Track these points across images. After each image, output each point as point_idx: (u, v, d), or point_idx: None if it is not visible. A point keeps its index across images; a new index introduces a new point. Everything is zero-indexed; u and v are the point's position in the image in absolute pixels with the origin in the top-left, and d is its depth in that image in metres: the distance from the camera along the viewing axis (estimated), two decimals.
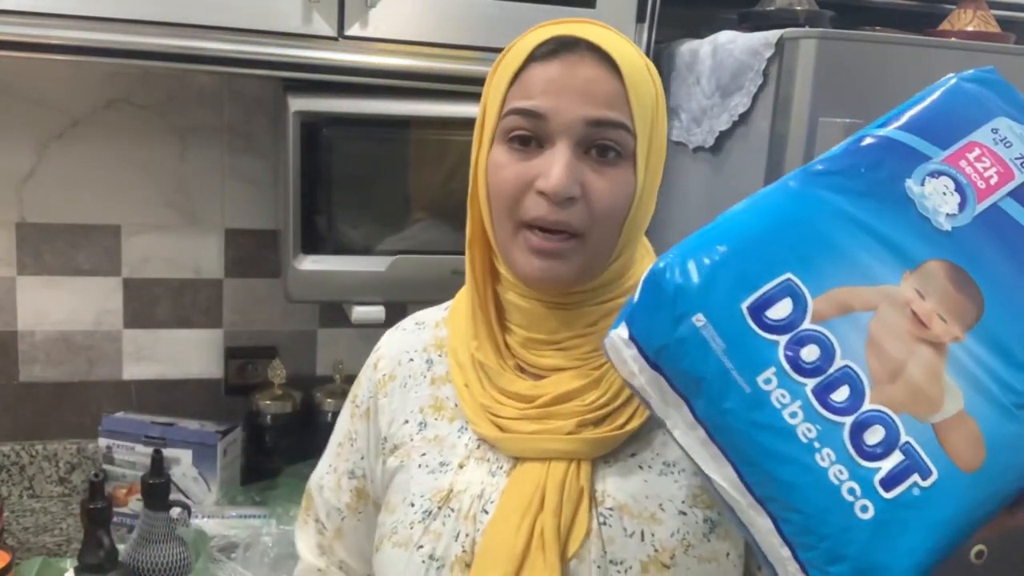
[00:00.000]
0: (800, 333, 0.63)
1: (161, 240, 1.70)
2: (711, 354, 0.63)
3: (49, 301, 1.67)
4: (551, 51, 0.81)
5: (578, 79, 0.80)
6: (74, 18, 1.29)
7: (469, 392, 0.88)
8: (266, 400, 1.70)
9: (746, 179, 1.37)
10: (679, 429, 0.67)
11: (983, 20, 1.57)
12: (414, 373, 0.94)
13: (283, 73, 1.40)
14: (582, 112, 0.79)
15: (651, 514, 0.82)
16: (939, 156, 0.69)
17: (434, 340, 0.96)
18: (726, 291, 0.63)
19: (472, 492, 0.84)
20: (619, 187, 0.81)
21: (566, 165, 0.79)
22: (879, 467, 0.61)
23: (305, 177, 1.44)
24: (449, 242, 1.51)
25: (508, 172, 0.82)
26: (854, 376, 0.62)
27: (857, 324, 0.63)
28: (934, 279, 0.65)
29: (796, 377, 0.62)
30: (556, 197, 0.78)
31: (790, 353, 0.62)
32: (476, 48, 1.44)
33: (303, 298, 1.50)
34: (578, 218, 0.80)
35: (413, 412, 0.92)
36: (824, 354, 0.62)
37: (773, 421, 0.62)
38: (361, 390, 0.99)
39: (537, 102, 0.80)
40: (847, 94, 1.28)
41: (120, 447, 1.60)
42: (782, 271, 0.64)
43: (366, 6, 1.38)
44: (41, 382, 1.69)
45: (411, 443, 0.91)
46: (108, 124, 1.64)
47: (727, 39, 1.42)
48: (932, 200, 0.67)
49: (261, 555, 1.40)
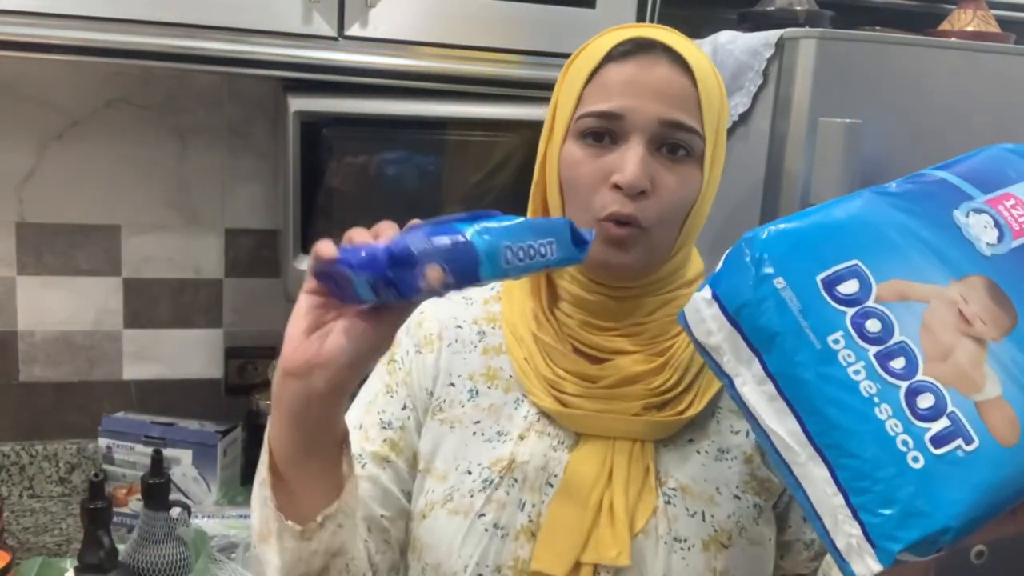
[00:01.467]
0: (865, 308, 0.70)
1: (161, 240, 1.70)
2: (788, 312, 0.70)
3: (49, 301, 1.67)
4: (628, 52, 0.85)
5: (654, 78, 0.83)
6: (74, 18, 1.29)
7: (530, 365, 0.89)
8: (266, 400, 1.70)
9: (746, 179, 1.37)
10: (748, 385, 0.73)
11: (983, 20, 1.57)
12: (463, 339, 0.95)
13: (283, 73, 1.40)
14: (657, 111, 0.83)
15: (709, 496, 0.86)
16: (981, 198, 0.78)
17: (485, 314, 0.96)
18: (805, 263, 0.71)
19: (536, 464, 0.86)
20: (686, 184, 0.85)
21: (640, 160, 0.82)
22: (929, 427, 0.67)
23: (305, 177, 1.44)
24: None
25: (584, 168, 0.85)
26: (909, 350, 0.69)
27: (913, 311, 0.71)
28: (976, 290, 0.73)
29: (860, 342, 0.69)
30: (630, 190, 0.82)
31: (856, 322, 0.70)
32: (476, 48, 1.44)
33: None
34: (647, 211, 0.83)
35: (461, 377, 0.93)
36: (885, 328, 0.70)
37: (839, 375, 0.69)
38: (401, 349, 0.98)
39: (615, 103, 0.83)
40: (847, 94, 1.28)
41: (120, 447, 1.60)
42: (852, 257, 0.72)
43: (366, 6, 1.38)
44: (41, 382, 1.69)
45: (461, 409, 0.91)
46: (108, 124, 1.64)
47: (727, 39, 1.42)
48: (975, 229, 0.76)
49: None
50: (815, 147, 1.27)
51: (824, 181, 1.26)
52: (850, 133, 1.24)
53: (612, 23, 0.88)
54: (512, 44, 1.45)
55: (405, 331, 0.98)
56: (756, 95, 1.36)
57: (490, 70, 1.46)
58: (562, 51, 1.43)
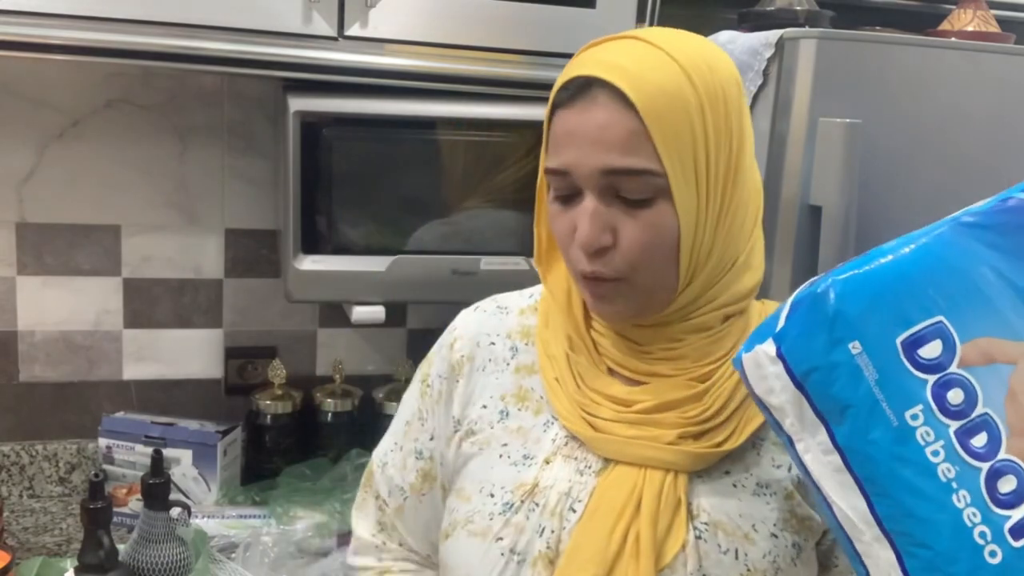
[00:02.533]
0: (947, 375, 0.65)
1: (161, 240, 1.70)
2: (863, 382, 0.64)
3: (49, 301, 1.67)
4: (569, 96, 0.79)
5: (591, 127, 0.77)
6: (74, 18, 1.28)
7: (561, 387, 0.87)
8: (266, 400, 1.70)
9: None
10: (811, 453, 0.68)
11: (983, 20, 1.57)
12: (495, 357, 0.92)
13: (283, 73, 1.40)
14: (598, 163, 0.77)
15: (744, 534, 0.81)
16: None
17: (519, 327, 0.94)
18: (883, 323, 0.65)
19: (559, 489, 0.83)
20: (655, 228, 0.78)
21: (590, 219, 0.78)
22: (1010, 515, 0.63)
23: (305, 177, 1.44)
24: (449, 242, 1.51)
25: (557, 226, 0.83)
26: (992, 424, 0.64)
27: (998, 375, 0.65)
28: None
29: (941, 417, 0.64)
30: (586, 251, 0.79)
31: (937, 393, 0.64)
32: (476, 48, 1.44)
33: (303, 298, 1.50)
34: (613, 266, 0.79)
35: (493, 398, 0.91)
36: (968, 399, 0.64)
37: (916, 457, 0.64)
38: (434, 369, 0.96)
39: (560, 159, 0.80)
40: (847, 94, 1.28)
41: (120, 447, 1.60)
42: (935, 313, 0.66)
43: (366, 6, 1.38)
44: (41, 382, 1.69)
45: (491, 431, 0.89)
46: (108, 124, 1.64)
47: (727, 39, 1.42)
48: None
49: (261, 555, 1.40)
50: (815, 147, 1.27)
51: (824, 181, 1.26)
52: (850, 133, 1.24)
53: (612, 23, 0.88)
54: (512, 44, 1.45)
55: (438, 349, 0.98)
56: (756, 95, 1.36)
57: (490, 70, 1.45)
58: (562, 51, 1.43)
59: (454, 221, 1.52)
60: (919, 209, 1.33)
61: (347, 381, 1.77)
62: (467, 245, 1.51)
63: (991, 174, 1.36)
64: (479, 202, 1.52)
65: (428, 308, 1.81)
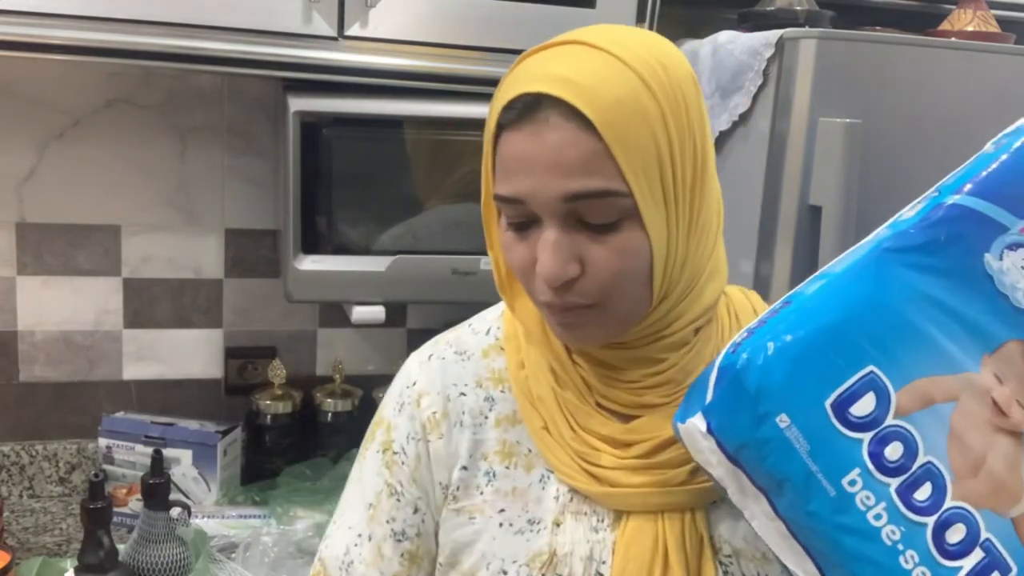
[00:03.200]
0: (884, 430, 0.61)
1: (161, 240, 1.70)
2: (795, 456, 0.61)
3: (49, 301, 1.67)
4: (517, 116, 0.71)
5: (545, 151, 0.69)
6: (74, 18, 1.28)
7: (552, 436, 0.79)
8: (266, 400, 1.70)
9: (746, 179, 1.37)
10: (757, 520, 0.66)
11: (983, 20, 1.57)
12: (471, 410, 0.83)
13: (283, 73, 1.40)
14: (557, 188, 0.69)
15: (763, 554, 0.77)
16: (1017, 225, 0.66)
17: (489, 373, 0.84)
18: (809, 388, 0.61)
19: (580, 554, 0.77)
20: (625, 252, 0.71)
21: (553, 250, 0.70)
22: (960, 566, 0.61)
23: (305, 177, 1.44)
24: (449, 242, 1.51)
25: (514, 256, 0.75)
26: (936, 472, 0.62)
27: (939, 417, 0.62)
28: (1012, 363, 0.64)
29: (880, 477, 0.61)
30: (552, 284, 0.71)
31: (874, 452, 0.61)
32: (476, 48, 1.44)
33: (303, 298, 1.50)
34: (584, 294, 0.72)
35: (474, 458, 0.82)
36: (907, 451, 0.61)
37: (858, 524, 0.61)
38: (398, 434, 0.85)
39: (514, 187, 0.71)
40: (847, 94, 1.28)
41: (120, 447, 1.60)
42: (864, 363, 0.62)
43: (366, 6, 1.38)
44: (41, 382, 1.69)
45: (481, 496, 0.81)
46: (108, 124, 1.64)
47: (727, 39, 1.42)
48: (1010, 275, 0.64)
49: (261, 555, 1.40)
50: (815, 147, 1.27)
51: (824, 181, 1.26)
52: (850, 133, 1.24)
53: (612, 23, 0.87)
54: (512, 44, 1.45)
55: (398, 409, 0.86)
56: (756, 95, 1.36)
57: (490, 70, 1.45)
58: None
59: (454, 221, 1.51)
60: None
61: (347, 381, 1.77)
62: (466, 245, 1.51)
63: None
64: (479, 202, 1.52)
65: (428, 308, 1.81)
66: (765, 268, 1.33)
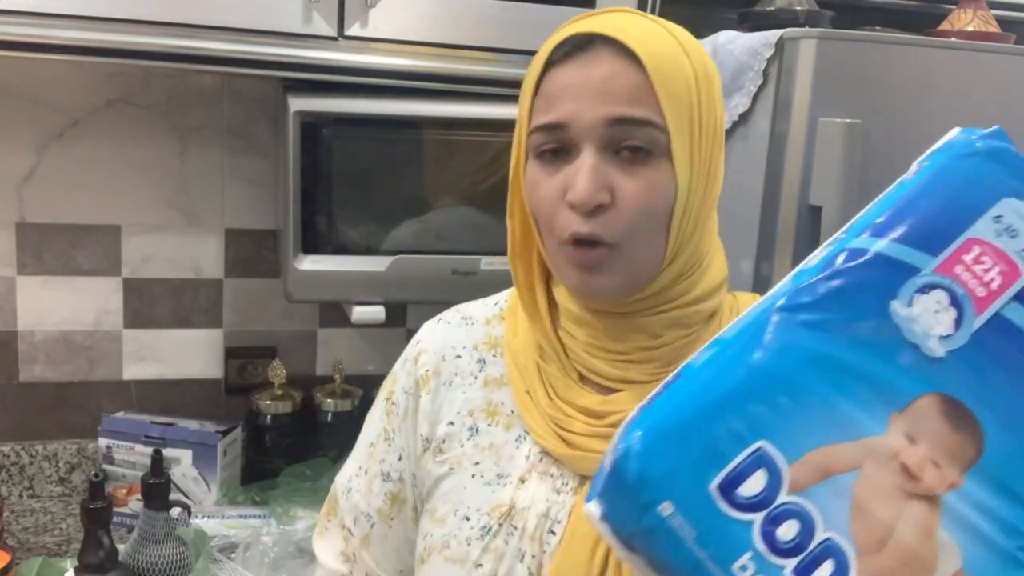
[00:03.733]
0: (776, 509, 0.57)
1: (161, 240, 1.70)
2: (682, 544, 0.58)
3: (49, 301, 1.67)
4: (566, 53, 0.77)
5: (594, 78, 0.75)
6: (74, 18, 1.29)
7: (532, 400, 0.83)
8: (266, 400, 1.70)
9: (746, 179, 1.37)
10: None
11: (983, 20, 1.57)
12: (462, 371, 0.89)
13: (283, 73, 1.40)
14: (601, 112, 0.74)
15: None
16: (930, 265, 0.60)
17: (486, 338, 0.90)
18: (693, 471, 0.58)
19: (537, 510, 0.80)
20: (653, 187, 0.75)
21: (590, 172, 0.74)
22: None
23: (305, 177, 1.44)
24: (449, 242, 1.51)
25: (541, 191, 0.78)
26: (836, 549, 0.57)
27: (839, 489, 0.58)
28: (926, 419, 0.59)
29: (774, 559, 0.57)
30: (583, 208, 0.74)
31: (767, 532, 0.57)
32: (476, 48, 1.44)
33: (303, 298, 1.50)
34: (609, 228, 0.75)
35: (461, 414, 0.87)
36: (804, 529, 0.57)
37: None
38: (399, 385, 0.92)
39: (557, 113, 0.76)
40: (847, 94, 1.28)
41: (120, 447, 1.60)
42: (753, 439, 0.58)
43: (366, 6, 1.38)
44: (41, 382, 1.69)
45: (461, 449, 0.86)
46: (108, 124, 1.64)
47: (727, 39, 1.42)
48: (922, 322, 0.60)
49: (261, 555, 1.40)
50: (815, 147, 1.27)
51: (824, 181, 1.26)
52: (850, 133, 1.24)
53: None
54: (512, 44, 1.45)
55: (402, 364, 0.94)
56: (756, 95, 1.35)
57: (490, 70, 1.46)
58: None
59: (454, 221, 1.52)
60: None
61: (347, 381, 1.77)
62: (467, 245, 1.51)
63: None
64: (479, 202, 1.52)
65: (428, 308, 1.80)
66: (765, 268, 1.33)
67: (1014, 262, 0.61)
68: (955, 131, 0.68)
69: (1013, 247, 0.61)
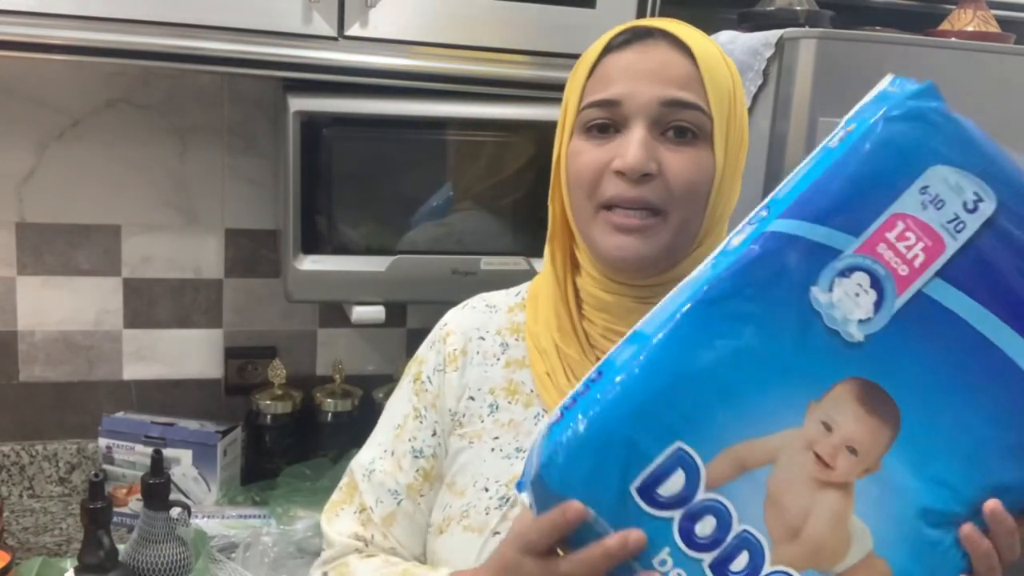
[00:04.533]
0: (694, 506, 0.59)
1: (161, 240, 1.70)
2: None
3: (49, 301, 1.67)
4: (626, 40, 0.84)
5: (652, 61, 0.82)
6: (74, 18, 1.28)
7: (552, 381, 0.87)
8: (266, 400, 1.70)
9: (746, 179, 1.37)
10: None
11: (983, 20, 1.57)
12: (485, 352, 0.93)
13: (283, 73, 1.40)
14: (656, 92, 0.81)
15: None
16: (851, 246, 0.59)
17: (509, 324, 0.94)
18: (613, 475, 0.59)
19: None
20: (696, 165, 0.82)
21: (641, 142, 0.80)
22: None
23: (305, 177, 1.44)
24: (449, 242, 1.51)
25: (585, 157, 0.83)
26: (752, 540, 0.59)
27: (755, 482, 0.59)
28: (843, 405, 0.59)
29: (692, 553, 0.59)
30: (633, 174, 0.79)
31: (685, 529, 0.59)
32: (476, 48, 1.44)
33: (303, 298, 1.50)
34: (657, 194, 0.81)
35: (482, 391, 0.91)
36: (720, 524, 0.59)
37: None
38: (426, 366, 0.95)
39: (612, 90, 0.82)
40: (847, 94, 1.27)
41: (120, 447, 1.60)
42: (672, 439, 0.59)
43: (366, 6, 1.38)
44: (41, 382, 1.69)
45: (481, 424, 0.90)
46: (108, 124, 1.64)
47: (727, 39, 1.42)
48: (841, 308, 0.59)
49: (261, 555, 1.40)
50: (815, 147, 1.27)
51: None
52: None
53: (612, 23, 0.88)
54: (512, 44, 1.45)
55: (430, 346, 0.97)
56: (756, 95, 1.36)
57: (490, 70, 1.45)
58: (562, 51, 1.43)
59: (454, 221, 1.51)
60: None
61: (347, 381, 1.77)
62: (467, 245, 1.51)
63: None
64: (479, 202, 1.52)
65: (428, 308, 1.80)
66: None
67: (939, 235, 0.59)
68: (886, 81, 0.66)
69: (939, 219, 0.60)
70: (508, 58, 1.46)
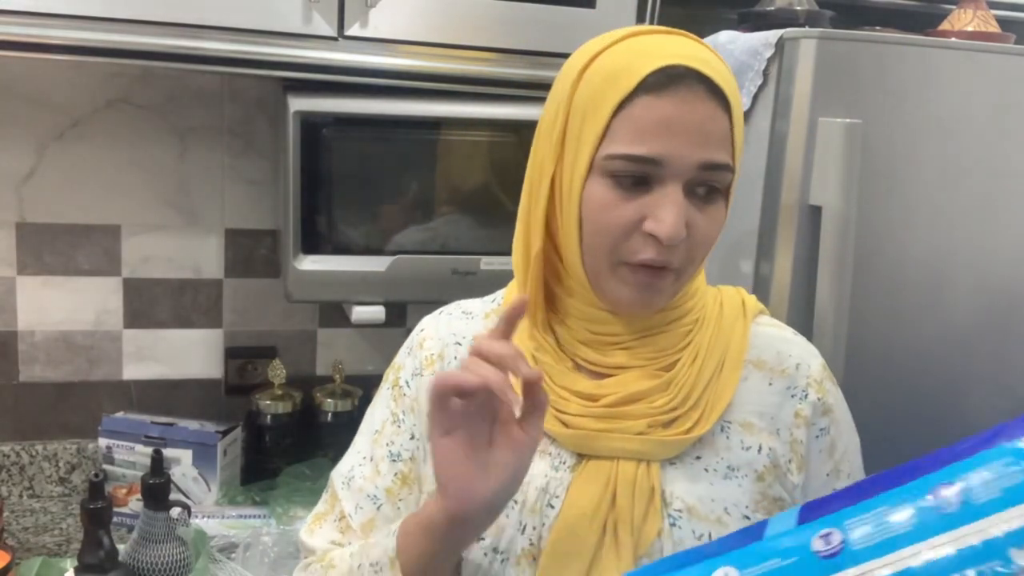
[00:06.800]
0: None
1: (161, 240, 1.70)
2: None
3: (49, 301, 1.67)
4: (662, 84, 0.78)
5: (694, 119, 0.78)
6: (74, 18, 1.28)
7: None
8: (266, 400, 1.70)
9: (746, 179, 1.37)
10: None
11: (983, 20, 1.57)
12: (462, 357, 0.91)
13: (283, 73, 1.40)
14: (697, 156, 0.78)
15: (717, 517, 0.83)
16: None
17: (485, 331, 0.92)
18: None
19: (536, 485, 0.84)
20: (715, 222, 0.82)
21: (680, 211, 0.78)
22: None
23: (305, 177, 1.44)
24: (449, 242, 1.51)
25: (616, 213, 0.80)
26: None
27: None
28: None
29: None
30: (670, 243, 0.78)
31: None
32: (476, 48, 1.44)
33: (303, 298, 1.50)
34: (681, 256, 0.81)
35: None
36: None
37: None
38: (404, 372, 0.96)
39: (653, 148, 0.78)
40: (847, 94, 1.28)
41: (120, 447, 1.60)
42: None
43: (366, 6, 1.38)
44: (41, 382, 1.69)
45: None
46: (108, 124, 1.64)
47: (727, 39, 1.42)
48: None
49: (261, 555, 1.40)
50: (815, 147, 1.27)
51: (824, 181, 1.26)
52: (850, 133, 1.24)
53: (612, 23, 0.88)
54: (512, 44, 1.45)
55: (408, 352, 0.97)
56: (756, 95, 1.35)
57: (490, 70, 1.46)
58: (562, 51, 1.42)
59: (454, 220, 1.51)
60: (919, 209, 1.33)
61: (347, 381, 1.77)
62: (466, 245, 1.51)
63: (991, 174, 1.36)
64: (479, 202, 1.52)
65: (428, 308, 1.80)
66: (765, 268, 1.33)
67: None
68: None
69: None
70: (508, 58, 1.46)
